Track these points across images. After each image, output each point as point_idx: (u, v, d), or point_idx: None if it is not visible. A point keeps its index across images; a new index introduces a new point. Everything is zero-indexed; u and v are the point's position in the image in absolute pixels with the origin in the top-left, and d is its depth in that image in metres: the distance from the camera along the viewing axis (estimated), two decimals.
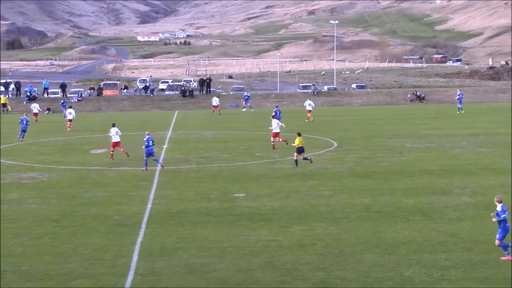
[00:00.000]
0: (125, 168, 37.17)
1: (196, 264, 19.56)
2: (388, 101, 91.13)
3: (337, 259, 19.85)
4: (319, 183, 31.69)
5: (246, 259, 19.93)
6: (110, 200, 28.42)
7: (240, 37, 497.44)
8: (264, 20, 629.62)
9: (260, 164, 37.92)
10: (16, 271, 19.07)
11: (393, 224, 23.80)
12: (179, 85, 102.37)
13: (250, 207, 26.71)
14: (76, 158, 41.38)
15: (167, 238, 22.27)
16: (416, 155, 40.49)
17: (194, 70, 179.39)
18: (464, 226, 23.21)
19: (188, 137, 52.91)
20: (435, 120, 63.39)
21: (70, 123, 57.80)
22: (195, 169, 36.59)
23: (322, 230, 23.11)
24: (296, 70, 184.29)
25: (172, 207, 26.92)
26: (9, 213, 26.25)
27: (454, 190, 29.40)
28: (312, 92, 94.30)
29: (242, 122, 65.60)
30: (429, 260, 19.58)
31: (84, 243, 21.88)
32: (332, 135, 51.60)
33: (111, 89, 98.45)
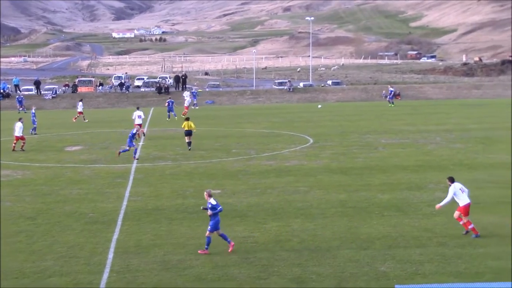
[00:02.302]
0: (101, 166, 37.04)
1: (172, 260, 19.57)
2: (363, 97, 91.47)
3: (312, 254, 19.95)
4: (295, 179, 31.79)
5: (222, 256, 19.97)
6: (85, 198, 28.33)
7: (216, 33, 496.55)
8: (240, 16, 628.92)
9: (236, 160, 37.96)
10: None
11: (368, 219, 23.95)
12: (154, 82, 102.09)
13: (226, 204, 26.68)
14: (51, 155, 41.16)
15: (143, 235, 22.25)
16: (391, 151, 40.72)
17: (169, 67, 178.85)
18: (438, 221, 23.41)
19: (164, 134, 52.80)
20: (409, 116, 63.75)
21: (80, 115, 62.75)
22: (171, 166, 36.55)
23: (298, 226, 23.21)
24: (272, 67, 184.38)
25: (148, 204, 26.89)
26: None
27: (428, 186, 29.63)
28: (288, 89, 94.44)
29: (217, 118, 65.55)
30: (403, 255, 19.74)
31: (59, 240, 21.80)
32: (307, 131, 51.74)
33: (86, 86, 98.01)
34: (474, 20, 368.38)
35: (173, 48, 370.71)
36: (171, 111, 64.19)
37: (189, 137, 42.23)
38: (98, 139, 48.99)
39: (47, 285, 17.83)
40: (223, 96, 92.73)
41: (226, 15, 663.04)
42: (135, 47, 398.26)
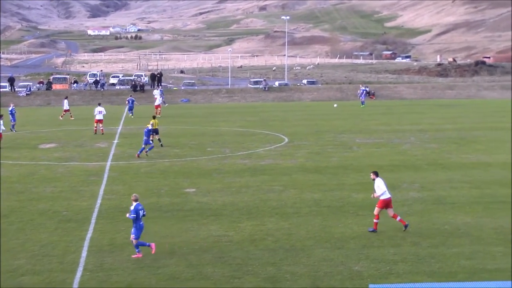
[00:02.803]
0: (75, 163, 36.81)
1: (146, 259, 19.50)
2: (338, 97, 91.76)
3: (287, 254, 19.97)
4: (270, 178, 31.81)
5: (196, 254, 19.94)
6: (59, 196, 28.15)
7: (192, 32, 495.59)
8: (216, 15, 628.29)
9: (211, 159, 37.91)
10: None
11: (343, 219, 24.03)
12: (130, 80, 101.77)
13: (201, 202, 26.70)
14: (24, 153, 40.83)
15: (117, 234, 22.15)
16: (365, 150, 40.89)
17: (145, 65, 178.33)
18: (412, 220, 23.52)
19: (139, 132, 52.40)
20: (384, 116, 64.05)
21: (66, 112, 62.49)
22: (145, 164, 36.42)
23: (273, 225, 23.22)
24: (248, 66, 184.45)
25: (122, 202, 26.76)
26: None
27: (402, 185, 29.78)
28: (263, 88, 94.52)
29: (192, 117, 65.43)
30: (377, 254, 19.83)
31: (32, 239, 21.64)
32: (283, 130, 51.81)
33: (61, 83, 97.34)
34: (448, 21, 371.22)
35: (148, 46, 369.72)
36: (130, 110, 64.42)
37: (157, 135, 42.75)
38: (72, 137, 48.69)
39: (19, 284, 17.69)
40: (199, 95, 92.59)
41: (202, 13, 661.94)
42: (111, 44, 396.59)
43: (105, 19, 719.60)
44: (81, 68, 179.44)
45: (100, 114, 50.56)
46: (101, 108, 51.19)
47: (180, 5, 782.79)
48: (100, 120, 50.38)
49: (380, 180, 22.36)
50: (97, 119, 50.30)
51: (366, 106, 75.52)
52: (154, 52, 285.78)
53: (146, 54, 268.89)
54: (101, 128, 50.42)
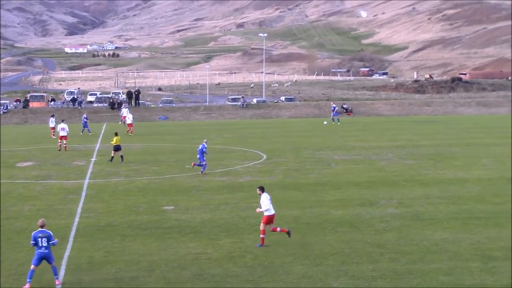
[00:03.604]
0: (52, 182, 36.61)
1: (125, 277, 19.42)
2: (316, 114, 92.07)
3: (266, 271, 19.97)
4: (248, 195, 31.79)
5: (175, 272, 19.88)
6: (36, 214, 27.91)
7: (169, 49, 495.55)
8: (193, 32, 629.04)
9: (189, 176, 37.87)
10: None
11: (322, 235, 24.07)
12: (107, 97, 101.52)
13: (180, 220, 26.65)
14: (1, 171, 40.53)
15: (95, 252, 22.05)
16: (344, 167, 41.03)
17: (123, 82, 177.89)
18: (390, 237, 23.63)
19: None
20: (362, 133, 64.34)
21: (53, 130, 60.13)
22: (124, 182, 36.31)
23: (252, 242, 23.22)
24: (226, 83, 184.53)
25: (100, 220, 26.65)
26: None
27: (380, 202, 29.91)
28: (242, 105, 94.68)
29: (171, 134, 65.35)
30: (356, 271, 19.88)
31: (10, 257, 21.48)
32: (261, 147, 51.87)
33: (38, 101, 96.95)
34: (425, 38, 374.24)
35: (126, 63, 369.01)
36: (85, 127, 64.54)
37: (119, 151, 43.58)
38: (49, 155, 48.45)
39: None
40: (177, 112, 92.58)
41: (179, 31, 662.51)
42: (88, 62, 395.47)
43: (83, 36, 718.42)
44: (59, 86, 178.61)
45: (63, 131, 51.74)
46: (64, 125, 52.46)
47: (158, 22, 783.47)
48: (64, 137, 51.63)
49: (265, 196, 22.84)
50: (61, 135, 51.69)
51: (342, 123, 75.56)
52: (131, 70, 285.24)
53: (124, 71, 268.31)
54: (65, 145, 51.35)
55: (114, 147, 43.44)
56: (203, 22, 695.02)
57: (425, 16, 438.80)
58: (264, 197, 22.86)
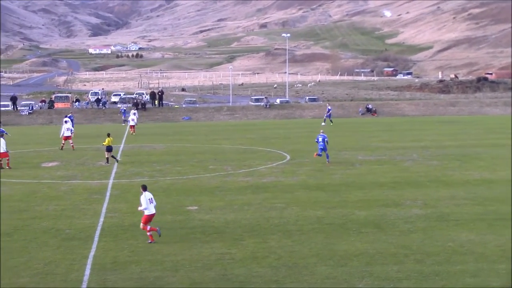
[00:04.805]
0: (77, 182, 36.82)
1: (149, 277, 19.46)
2: (340, 114, 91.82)
3: (290, 271, 19.92)
4: (272, 195, 31.77)
5: (199, 272, 19.89)
6: (62, 214, 28.12)
7: (193, 50, 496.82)
8: (217, 33, 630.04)
9: (213, 177, 37.89)
10: None
11: (346, 236, 23.98)
12: (131, 98, 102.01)
13: (203, 220, 26.66)
14: (27, 171, 40.85)
15: (119, 252, 22.12)
16: (367, 167, 40.86)
17: (146, 83, 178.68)
18: (415, 238, 23.49)
19: (141, 150, 52.64)
20: (386, 133, 64.08)
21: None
22: (147, 182, 36.31)
23: (275, 242, 23.17)
24: (249, 83, 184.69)
25: (124, 220, 26.75)
26: None
27: (405, 202, 29.73)
28: (265, 105, 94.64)
29: (194, 134, 65.49)
30: (381, 272, 19.77)
31: (36, 257, 21.61)
32: (284, 147, 51.82)
33: (63, 102, 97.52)
34: (450, 37, 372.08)
35: (149, 64, 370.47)
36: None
37: (110, 152, 43.91)
38: (74, 155, 48.72)
39: None
40: (200, 112, 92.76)
41: (202, 31, 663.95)
42: (112, 63, 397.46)
43: (106, 37, 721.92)
44: (83, 86, 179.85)
45: (68, 131, 52.74)
46: (69, 125, 53.66)
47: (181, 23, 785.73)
48: (68, 137, 52.52)
49: (144, 196, 23.30)
50: (65, 135, 52.55)
51: (364, 123, 75.22)
52: (155, 70, 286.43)
53: (147, 72, 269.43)
54: (71, 144, 52.09)
55: (106, 148, 43.71)
56: (226, 23, 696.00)
57: (450, 15, 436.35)
58: (143, 197, 23.33)
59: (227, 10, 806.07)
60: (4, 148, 42.12)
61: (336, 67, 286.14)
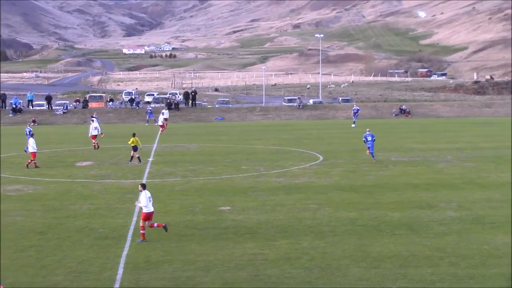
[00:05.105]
0: (111, 181, 37.04)
1: (181, 277, 19.48)
2: (373, 115, 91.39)
3: (322, 272, 19.82)
4: (304, 196, 31.67)
5: (231, 272, 19.87)
6: (95, 213, 28.30)
7: (226, 50, 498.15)
8: (250, 33, 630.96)
9: (245, 177, 37.88)
10: (1, 283, 18.89)
11: (379, 238, 23.80)
12: (164, 98, 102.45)
13: (236, 220, 26.65)
14: (61, 170, 41.20)
15: (152, 251, 22.18)
16: (401, 169, 40.57)
17: (179, 83, 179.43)
18: (450, 240, 23.24)
19: (174, 150, 52.82)
20: (420, 134, 63.61)
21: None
22: (180, 182, 36.51)
23: (308, 243, 23.08)
24: (282, 84, 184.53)
25: (157, 220, 26.74)
26: None
27: (439, 204, 29.45)
28: (298, 106, 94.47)
29: (227, 135, 65.58)
30: (415, 274, 19.58)
31: (69, 255, 21.75)
32: (317, 148, 51.67)
33: (97, 102, 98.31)
34: (485, 38, 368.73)
35: (183, 64, 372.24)
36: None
37: (137, 152, 43.98)
38: (108, 155, 49.04)
39: None
40: (233, 113, 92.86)
41: (236, 31, 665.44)
42: (145, 63, 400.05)
43: (140, 38, 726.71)
44: (117, 86, 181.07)
45: (95, 130, 53.22)
46: (96, 124, 54.24)
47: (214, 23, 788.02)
48: (95, 136, 53.04)
49: (144, 194, 23.78)
50: (93, 134, 53.04)
51: (399, 124, 74.71)
52: (188, 70, 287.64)
53: (181, 72, 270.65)
54: (96, 142, 52.75)
55: (133, 147, 43.98)
56: (259, 23, 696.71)
57: (485, 16, 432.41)
58: (143, 195, 23.69)
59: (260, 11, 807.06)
60: (34, 147, 42.47)
61: (370, 68, 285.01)
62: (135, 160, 44.01)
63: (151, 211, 23.77)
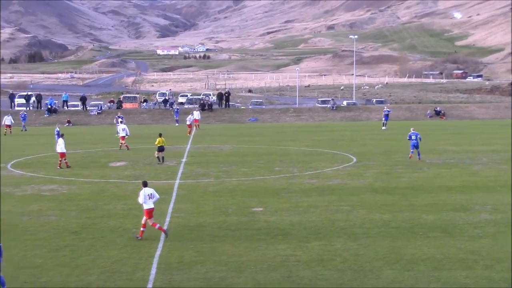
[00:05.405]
0: None
1: (214, 278, 19.51)
2: (407, 117, 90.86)
3: (355, 274, 19.72)
4: (338, 198, 31.56)
5: (264, 274, 19.85)
6: (129, 213, 28.45)
7: (260, 51, 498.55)
8: (284, 34, 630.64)
9: (278, 178, 37.85)
10: (36, 282, 19.10)
11: (413, 240, 23.62)
12: (198, 99, 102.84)
13: (268, 222, 26.62)
14: (95, 171, 41.52)
15: (185, 252, 22.24)
16: (435, 171, 40.26)
17: (213, 84, 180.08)
18: (485, 243, 22.99)
19: (207, 151, 52.97)
20: (455, 136, 63.08)
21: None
22: (213, 183, 36.58)
23: (341, 245, 22.98)
24: (315, 85, 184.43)
25: (190, 220, 26.90)
26: (29, 225, 26.35)
27: (474, 207, 29.15)
28: (331, 107, 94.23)
29: (260, 136, 65.61)
30: (448, 277, 19.40)
31: (103, 255, 21.90)
32: (351, 150, 51.48)
33: (131, 102, 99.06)
34: None
35: (216, 65, 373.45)
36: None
37: (162, 152, 44.66)
38: (141, 155, 49.32)
39: None
40: (266, 114, 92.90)
41: (269, 33, 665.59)
42: (179, 64, 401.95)
43: (174, 39, 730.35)
44: (151, 87, 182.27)
45: (123, 131, 53.67)
46: (124, 125, 54.85)
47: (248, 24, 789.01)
48: (122, 137, 53.53)
49: (143, 191, 24.02)
50: (122, 135, 53.51)
51: (433, 125, 74.09)
52: (222, 71, 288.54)
53: (214, 73, 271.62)
54: (124, 144, 53.18)
55: (158, 147, 44.54)
56: (293, 24, 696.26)
57: None
58: (142, 192, 23.95)
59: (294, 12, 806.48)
60: (63, 148, 42.78)
61: (404, 69, 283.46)
62: (160, 159, 44.49)
63: (151, 207, 24.06)
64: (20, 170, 41.95)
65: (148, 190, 24.07)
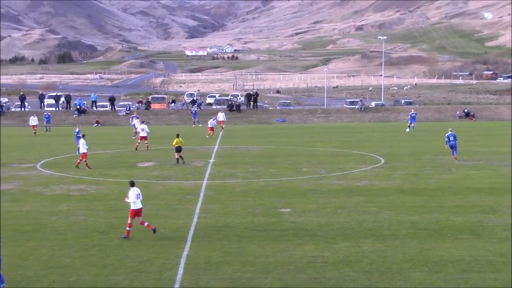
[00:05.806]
0: (172, 182, 37.37)
1: (241, 278, 19.52)
2: (436, 118, 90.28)
3: (383, 276, 19.62)
4: (365, 199, 31.44)
5: (291, 275, 19.82)
6: (156, 213, 28.55)
7: (288, 52, 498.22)
8: (312, 35, 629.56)
9: (306, 179, 37.80)
10: (64, 282, 19.24)
11: (441, 242, 23.46)
12: (226, 100, 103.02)
13: (296, 223, 26.58)
14: (123, 171, 41.74)
15: (212, 252, 22.28)
16: (464, 172, 39.96)
17: (241, 85, 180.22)
18: None
19: (235, 151, 53.03)
20: (484, 137, 62.57)
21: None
22: (241, 183, 36.61)
23: (368, 246, 22.89)
24: (344, 86, 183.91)
25: (217, 221, 26.94)
26: (58, 224, 26.56)
27: (503, 209, 28.88)
28: (360, 108, 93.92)
29: (288, 137, 65.57)
30: (477, 279, 19.24)
31: (131, 255, 22.00)
32: (379, 151, 51.28)
33: (159, 103, 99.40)
34: None
35: (244, 66, 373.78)
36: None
37: (179, 153, 44.79)
38: (169, 156, 49.44)
39: None
40: (294, 115, 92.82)
41: (298, 33, 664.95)
42: (208, 64, 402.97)
43: (203, 39, 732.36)
44: (179, 88, 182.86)
45: (143, 132, 53.82)
46: (144, 125, 54.84)
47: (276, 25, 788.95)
48: (144, 137, 53.65)
49: (132, 191, 24.10)
50: (141, 136, 53.79)
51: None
52: (250, 72, 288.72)
53: (242, 74, 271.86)
54: (146, 144, 53.48)
55: (176, 148, 44.68)
56: (322, 25, 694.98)
57: None
58: (131, 192, 24.02)
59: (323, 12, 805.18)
60: (85, 149, 43.01)
61: (433, 70, 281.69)
62: (178, 160, 44.68)
63: (139, 207, 24.22)
64: (49, 170, 42.33)
65: (136, 190, 24.28)
